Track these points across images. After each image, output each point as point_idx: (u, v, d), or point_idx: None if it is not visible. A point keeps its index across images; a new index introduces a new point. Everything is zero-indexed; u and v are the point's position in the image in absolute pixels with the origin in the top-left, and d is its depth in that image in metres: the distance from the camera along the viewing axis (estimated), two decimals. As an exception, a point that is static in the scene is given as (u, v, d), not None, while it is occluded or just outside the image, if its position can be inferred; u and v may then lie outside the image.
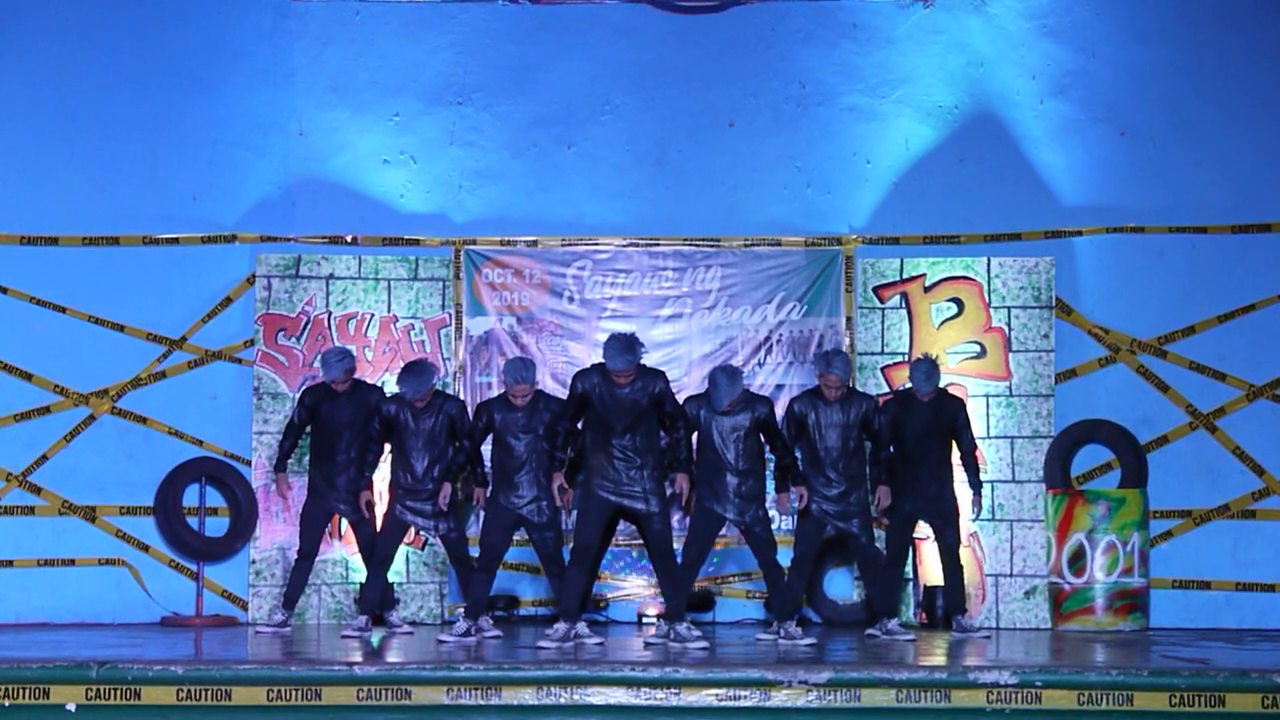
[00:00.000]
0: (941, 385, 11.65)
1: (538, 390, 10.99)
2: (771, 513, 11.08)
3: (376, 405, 11.40)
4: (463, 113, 13.26)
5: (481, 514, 11.31)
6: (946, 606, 11.63)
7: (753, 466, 10.74)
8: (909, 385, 11.55)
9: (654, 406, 10.44)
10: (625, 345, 10.35)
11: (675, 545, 10.80)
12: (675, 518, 11.28)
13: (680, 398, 10.93)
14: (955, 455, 11.45)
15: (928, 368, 11.37)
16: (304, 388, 12.08)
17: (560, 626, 10.40)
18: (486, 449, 11.15)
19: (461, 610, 11.44)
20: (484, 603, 10.97)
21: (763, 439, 10.81)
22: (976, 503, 11.41)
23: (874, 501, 11.16)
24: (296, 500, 12.11)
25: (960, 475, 11.47)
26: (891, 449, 11.25)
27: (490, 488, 11.04)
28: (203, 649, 10.19)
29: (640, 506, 10.43)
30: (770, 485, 11.06)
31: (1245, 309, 12.75)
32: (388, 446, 11.40)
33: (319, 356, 12.06)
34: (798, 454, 10.98)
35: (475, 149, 13.25)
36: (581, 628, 10.69)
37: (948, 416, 11.36)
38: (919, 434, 11.29)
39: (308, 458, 11.82)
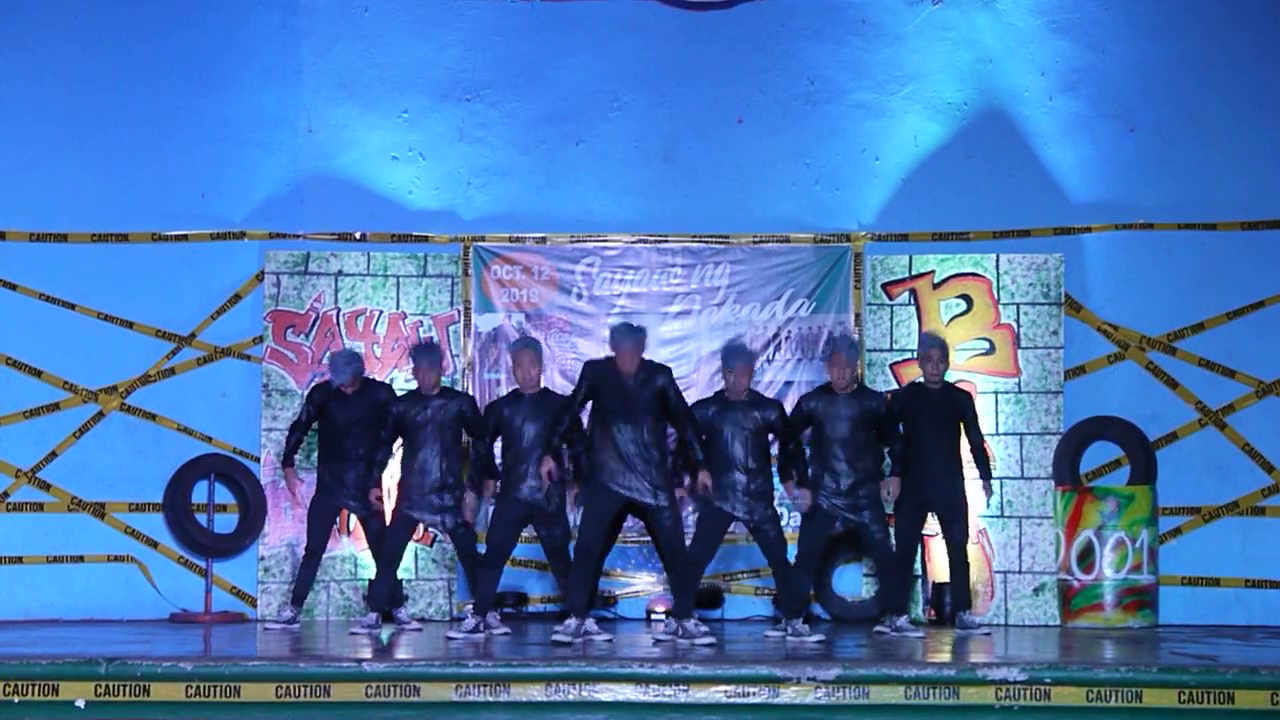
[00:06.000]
0: (951, 381, 11.67)
1: (544, 388, 11.00)
2: (781, 510, 11.08)
3: (385, 404, 11.39)
4: (471, 109, 13.26)
5: (489, 511, 11.29)
6: (951, 602, 11.60)
7: (761, 465, 10.74)
8: (919, 380, 11.54)
9: (660, 400, 10.43)
10: (629, 328, 10.45)
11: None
12: (688, 510, 11.27)
13: (689, 396, 10.94)
14: (965, 450, 11.45)
15: (941, 344, 11.40)
16: (313, 385, 12.09)
17: (571, 623, 10.41)
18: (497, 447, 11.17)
19: (469, 607, 11.46)
20: (491, 599, 10.96)
21: (771, 439, 10.82)
22: (987, 489, 11.36)
23: (885, 492, 11.15)
24: (305, 496, 12.11)
25: (971, 472, 11.46)
26: (900, 444, 11.24)
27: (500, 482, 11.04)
28: (211, 645, 10.20)
29: (649, 501, 10.41)
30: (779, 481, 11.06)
31: (1255, 305, 12.75)
32: (398, 442, 11.40)
33: (327, 355, 12.06)
34: (805, 450, 10.99)
35: (484, 145, 13.25)
36: (590, 624, 10.70)
37: (956, 409, 11.34)
38: (927, 426, 11.26)
39: (315, 454, 11.83)
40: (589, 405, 10.56)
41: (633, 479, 10.37)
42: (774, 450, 10.94)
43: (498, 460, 11.20)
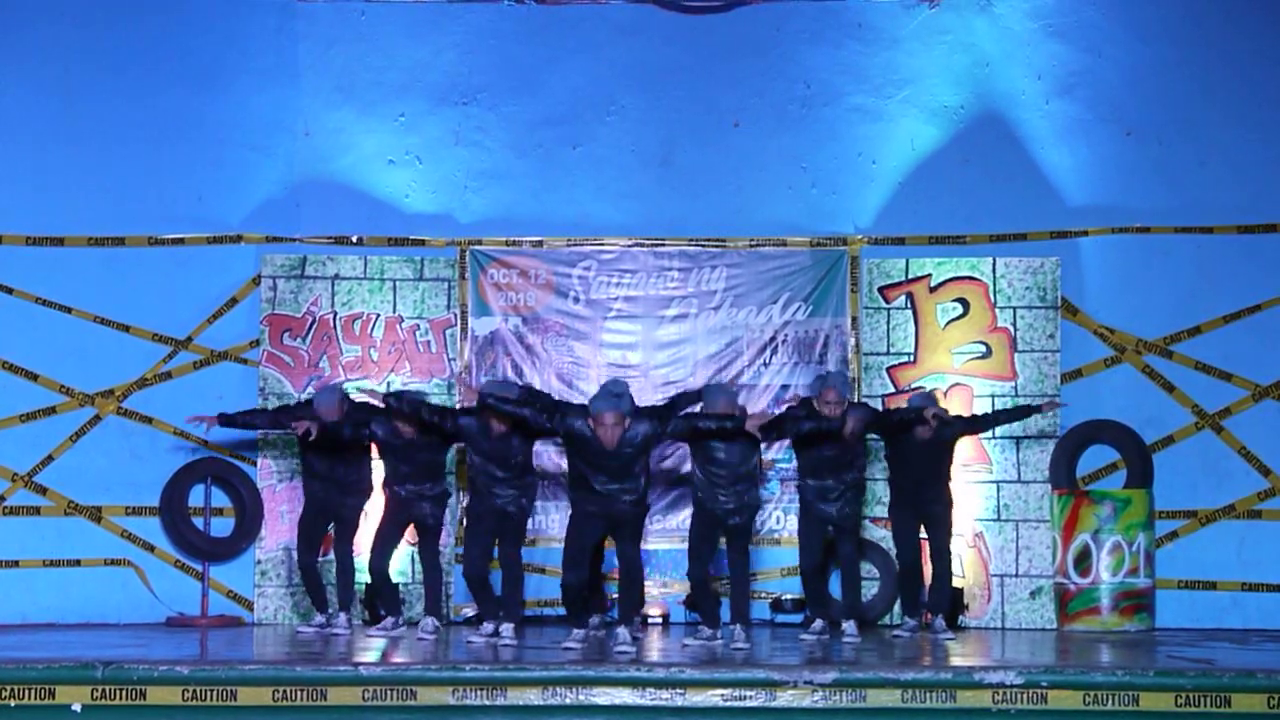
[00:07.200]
0: (946, 386, 11.72)
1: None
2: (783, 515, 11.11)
3: (365, 422, 11.36)
4: (468, 113, 13.26)
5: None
6: (929, 605, 11.53)
7: (749, 473, 10.70)
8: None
9: (644, 448, 10.25)
10: (610, 397, 10.18)
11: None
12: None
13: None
14: (955, 467, 11.48)
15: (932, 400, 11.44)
16: (303, 402, 12.04)
17: (577, 632, 10.45)
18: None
19: (466, 610, 11.48)
20: (493, 603, 10.93)
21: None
22: (1048, 405, 11.71)
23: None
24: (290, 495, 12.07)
25: (961, 481, 11.47)
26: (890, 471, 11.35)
27: (470, 499, 11.02)
28: (208, 649, 10.20)
29: (627, 508, 10.32)
30: (766, 487, 11.13)
31: (1251, 309, 12.74)
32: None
33: (313, 391, 12.07)
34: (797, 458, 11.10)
35: (480, 149, 13.25)
36: (579, 633, 10.68)
37: (946, 436, 11.33)
38: (918, 450, 11.25)
39: (299, 467, 11.82)
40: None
41: (610, 502, 10.28)
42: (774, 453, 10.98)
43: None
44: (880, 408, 11.25)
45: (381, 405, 11.06)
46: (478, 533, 10.90)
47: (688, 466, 11.33)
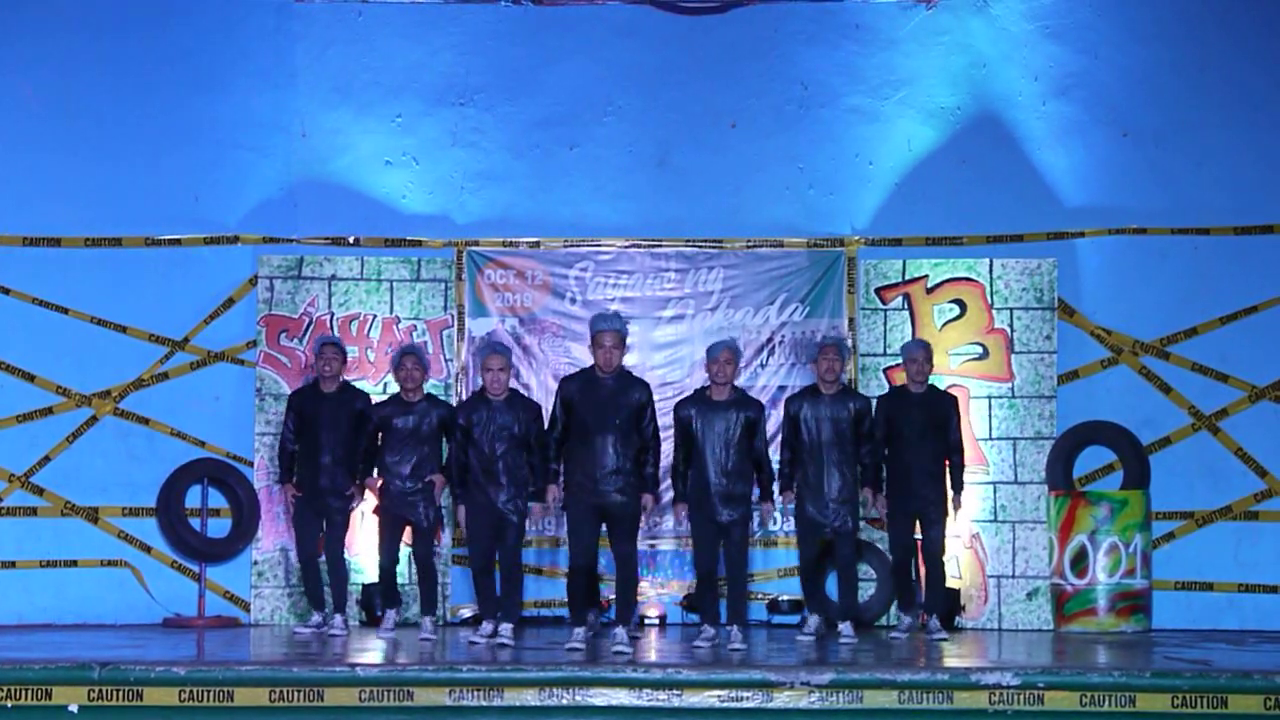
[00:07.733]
0: (943, 387, 11.73)
1: (513, 390, 10.98)
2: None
3: (363, 412, 11.38)
4: (465, 114, 13.26)
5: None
6: (925, 605, 11.54)
7: (740, 468, 10.70)
8: (903, 384, 11.55)
9: (635, 414, 10.36)
10: (610, 315, 10.45)
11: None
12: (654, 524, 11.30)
13: (682, 398, 10.98)
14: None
15: (926, 347, 11.46)
16: (288, 395, 12.06)
17: (579, 632, 10.44)
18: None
19: (464, 611, 11.46)
20: (495, 602, 10.93)
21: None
22: (956, 502, 11.39)
23: (874, 506, 11.26)
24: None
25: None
26: (885, 452, 11.27)
27: (465, 487, 10.99)
28: (205, 650, 10.19)
29: (618, 498, 10.34)
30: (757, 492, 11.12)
31: (1247, 310, 12.75)
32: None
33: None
34: (788, 454, 11.07)
35: (477, 150, 13.25)
36: (581, 633, 10.68)
37: (941, 413, 11.36)
38: (912, 430, 11.28)
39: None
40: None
41: (602, 484, 10.30)
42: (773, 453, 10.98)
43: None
44: (868, 416, 11.22)
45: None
46: (479, 530, 10.88)
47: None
